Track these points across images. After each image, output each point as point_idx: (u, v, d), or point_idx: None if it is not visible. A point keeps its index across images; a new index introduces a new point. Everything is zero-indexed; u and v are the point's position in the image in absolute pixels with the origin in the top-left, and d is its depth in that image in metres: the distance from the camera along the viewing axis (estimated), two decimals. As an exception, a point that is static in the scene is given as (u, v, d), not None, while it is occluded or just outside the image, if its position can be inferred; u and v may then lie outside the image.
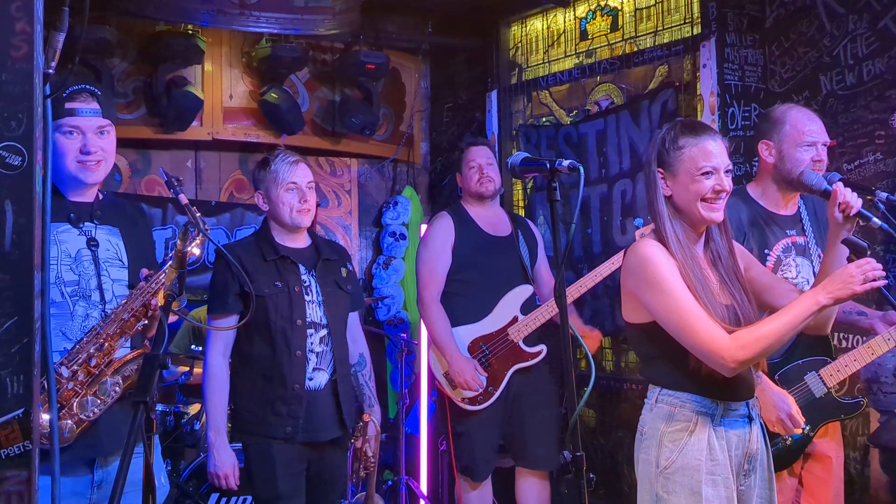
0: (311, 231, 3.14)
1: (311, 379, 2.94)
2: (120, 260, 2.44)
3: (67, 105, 2.33)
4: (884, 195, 2.72)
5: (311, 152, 5.78)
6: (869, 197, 2.73)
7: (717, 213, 2.22)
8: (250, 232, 5.41)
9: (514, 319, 3.77)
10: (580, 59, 5.24)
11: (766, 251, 2.90)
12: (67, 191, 2.39)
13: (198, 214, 2.28)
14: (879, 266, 2.11)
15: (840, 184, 2.34)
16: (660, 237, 2.25)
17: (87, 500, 2.29)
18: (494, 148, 4.61)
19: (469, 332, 3.79)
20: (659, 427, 2.21)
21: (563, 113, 5.34)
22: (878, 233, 3.89)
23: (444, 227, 3.89)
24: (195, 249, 2.34)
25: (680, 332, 2.15)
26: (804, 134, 2.87)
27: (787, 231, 2.95)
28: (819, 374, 2.84)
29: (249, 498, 4.04)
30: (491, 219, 3.94)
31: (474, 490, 3.88)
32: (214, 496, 3.98)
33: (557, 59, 5.38)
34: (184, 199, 2.28)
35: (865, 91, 4.04)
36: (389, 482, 5.16)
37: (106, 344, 2.28)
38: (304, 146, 5.61)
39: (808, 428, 2.82)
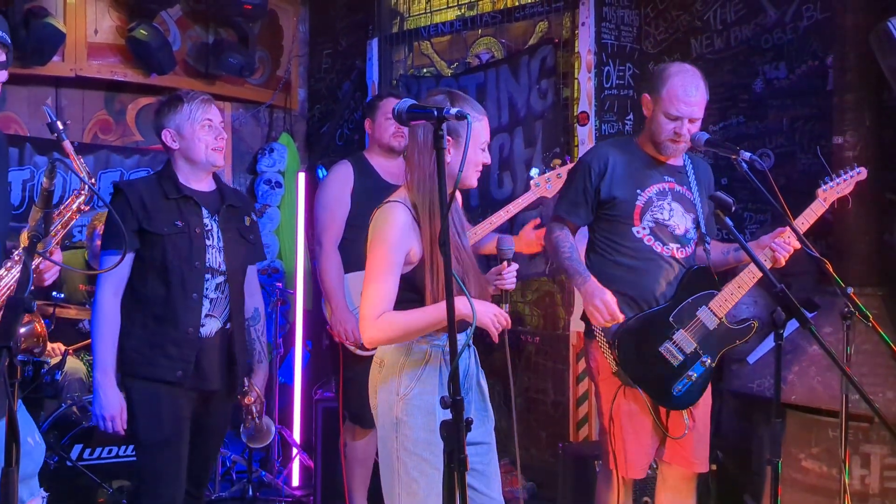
0: (216, 175, 3.06)
1: (202, 325, 2.84)
2: None
3: None
4: (747, 155, 2.85)
5: (183, 94, 5.56)
6: (733, 156, 2.86)
7: (473, 182, 2.47)
8: (115, 176, 5.19)
9: None
10: (462, 10, 5.24)
11: (637, 191, 3.02)
12: None
13: (83, 165, 2.17)
14: (503, 316, 2.40)
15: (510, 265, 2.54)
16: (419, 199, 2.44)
17: None
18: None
19: (362, 279, 3.80)
20: (399, 359, 2.48)
21: (444, 65, 5.33)
22: (739, 191, 4.11)
23: (343, 174, 3.87)
24: (83, 206, 2.28)
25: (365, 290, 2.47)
26: (672, 106, 2.93)
27: (666, 178, 3.05)
28: (709, 308, 2.98)
29: (115, 449, 3.93)
30: (391, 168, 3.93)
31: (361, 438, 3.88)
32: (77, 447, 3.85)
33: (440, 10, 5.36)
34: (68, 146, 2.18)
35: (732, 56, 4.23)
36: (262, 432, 5.13)
37: None
38: (175, 87, 5.37)
39: (709, 360, 2.97)
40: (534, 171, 4.54)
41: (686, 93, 2.92)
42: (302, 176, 5.53)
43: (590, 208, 3.04)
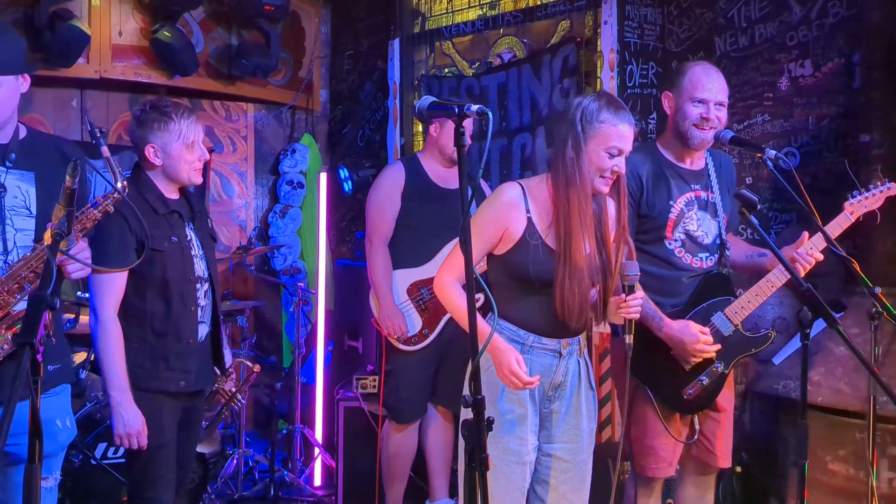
0: None
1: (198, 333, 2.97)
2: (28, 209, 2.35)
3: None
4: (772, 153, 2.83)
5: (206, 95, 5.60)
6: (759, 154, 2.83)
7: (606, 188, 2.50)
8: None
9: None
10: (483, 10, 5.23)
11: (670, 202, 2.98)
12: None
13: (118, 169, 2.23)
14: (517, 376, 2.42)
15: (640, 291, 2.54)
16: (554, 181, 2.51)
17: None
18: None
19: (409, 275, 3.86)
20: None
21: (466, 64, 5.32)
22: (764, 190, 4.07)
23: (395, 174, 3.93)
24: (110, 207, 2.31)
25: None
26: (696, 90, 2.93)
27: (692, 185, 3.01)
28: (724, 314, 2.94)
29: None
30: (443, 173, 3.95)
31: (398, 433, 3.92)
32: (102, 446, 3.87)
33: (461, 10, 5.35)
34: (105, 151, 2.22)
35: (756, 54, 4.18)
36: (284, 431, 5.15)
37: (1, 299, 2.21)
38: (199, 88, 5.42)
39: (721, 366, 2.93)
40: None
41: (708, 77, 2.95)
42: (324, 176, 5.55)
43: None
